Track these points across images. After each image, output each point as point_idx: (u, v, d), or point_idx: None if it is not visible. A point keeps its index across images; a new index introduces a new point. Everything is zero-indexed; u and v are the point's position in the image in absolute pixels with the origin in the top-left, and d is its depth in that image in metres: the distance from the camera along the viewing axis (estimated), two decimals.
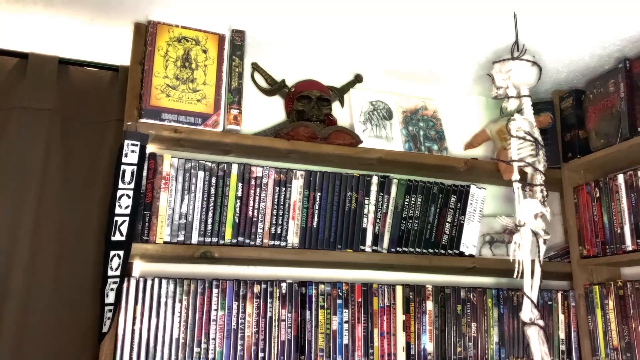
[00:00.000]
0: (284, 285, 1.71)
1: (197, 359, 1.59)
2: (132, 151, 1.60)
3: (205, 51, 1.77)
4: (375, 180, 1.84)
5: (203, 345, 1.60)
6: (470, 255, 1.91)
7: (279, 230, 1.73)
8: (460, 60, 1.96)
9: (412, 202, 1.87)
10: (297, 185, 1.77)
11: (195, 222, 1.65)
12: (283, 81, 1.96)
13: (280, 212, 1.74)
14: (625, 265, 1.94)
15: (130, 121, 1.63)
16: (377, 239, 1.82)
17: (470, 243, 1.91)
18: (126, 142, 1.60)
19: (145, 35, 1.73)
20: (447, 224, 1.90)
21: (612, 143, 1.82)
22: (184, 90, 1.71)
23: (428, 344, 1.81)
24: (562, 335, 1.95)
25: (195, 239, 1.65)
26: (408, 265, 1.86)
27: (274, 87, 1.95)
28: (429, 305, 1.84)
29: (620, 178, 1.82)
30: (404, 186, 1.87)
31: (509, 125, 1.72)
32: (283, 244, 1.73)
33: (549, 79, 2.05)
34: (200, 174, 1.68)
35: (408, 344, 1.79)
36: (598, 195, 1.90)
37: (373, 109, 2.03)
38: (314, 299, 1.73)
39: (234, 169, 1.71)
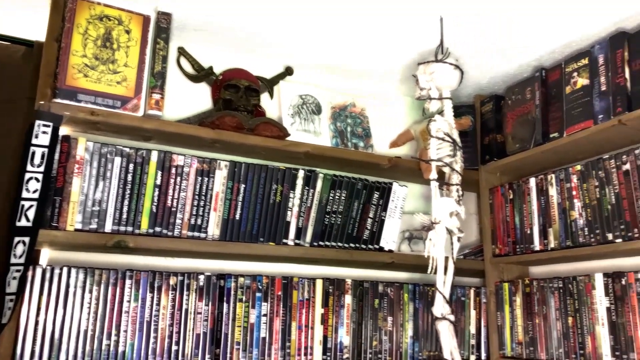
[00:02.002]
0: (201, 277, 1.67)
1: (106, 352, 1.53)
2: (44, 132, 1.51)
3: (128, 32, 1.69)
4: (301, 174, 1.84)
5: (113, 338, 1.54)
6: (390, 251, 1.95)
7: (199, 222, 1.69)
8: (388, 61, 1.99)
9: (337, 197, 1.89)
10: (220, 176, 1.73)
11: (110, 210, 1.59)
12: (210, 68, 1.92)
13: (202, 203, 1.70)
14: (533, 264, 2.05)
15: (43, 100, 1.54)
16: (300, 232, 1.82)
17: (390, 239, 1.96)
18: (37, 122, 1.51)
19: (63, 10, 1.63)
20: (369, 219, 1.93)
21: (527, 148, 1.92)
22: (103, 71, 1.64)
23: (345, 337, 1.83)
24: (472, 330, 2.03)
25: (109, 227, 1.58)
26: (329, 259, 1.87)
27: (201, 74, 1.90)
28: (348, 299, 1.86)
29: (532, 181, 1.92)
30: (329, 181, 1.88)
31: (429, 125, 1.77)
32: (203, 235, 1.69)
33: (471, 84, 2.12)
34: (117, 159, 1.62)
35: (325, 337, 1.81)
36: (511, 197, 1.99)
37: (302, 102, 2.02)
38: (232, 292, 1.71)
39: (154, 156, 1.65)
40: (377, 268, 2.06)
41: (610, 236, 1.63)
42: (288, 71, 2.04)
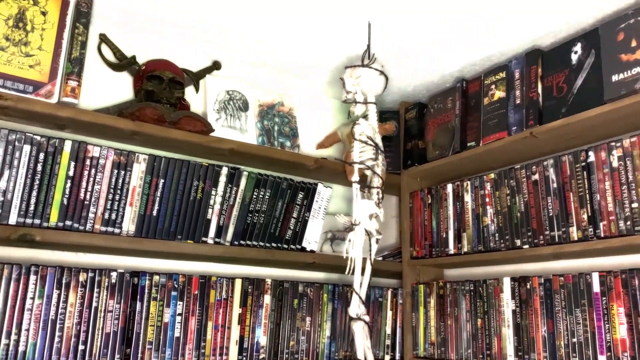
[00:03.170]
0: (114, 274, 1.61)
1: (4, 352, 1.43)
2: None
3: (44, 13, 1.60)
4: (224, 171, 1.81)
5: (13, 337, 1.45)
6: (312, 251, 1.96)
7: (113, 216, 1.62)
8: (318, 62, 2.00)
9: (261, 196, 1.87)
10: (138, 170, 1.67)
11: (15, 201, 1.49)
12: (133, 57, 1.85)
13: (117, 197, 1.63)
14: (448, 267, 2.13)
15: None
16: (221, 231, 1.79)
17: (312, 239, 1.97)
18: None
19: None
20: (292, 219, 1.93)
21: (446, 155, 1.98)
22: (14, 53, 1.54)
23: (262, 337, 1.82)
24: (388, 331, 2.08)
25: (13, 219, 1.48)
26: (250, 258, 1.85)
27: (123, 63, 1.83)
28: (267, 299, 1.85)
29: (449, 187, 1.99)
30: (253, 179, 1.86)
31: (353, 128, 1.80)
32: (117, 230, 1.63)
33: (397, 90, 2.17)
34: (26, 147, 1.52)
35: (242, 338, 1.79)
36: (430, 201, 2.06)
37: (229, 98, 1.99)
38: (146, 290, 1.65)
39: (67, 146, 1.57)
40: (299, 268, 2.06)
41: (518, 242, 1.72)
42: (215, 65, 2.00)
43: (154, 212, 1.68)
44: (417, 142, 2.12)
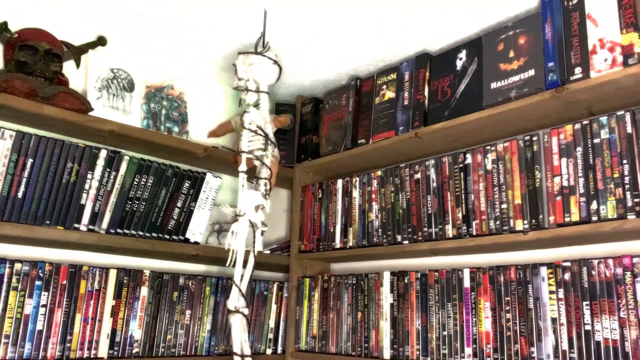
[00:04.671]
0: None
1: None
2: None
3: None
4: (103, 154, 1.69)
5: None
6: (196, 243, 1.89)
7: None
8: (210, 47, 1.93)
9: (142, 183, 1.77)
10: (3, 147, 1.52)
11: None
12: (5, 24, 1.67)
13: None
14: (334, 261, 2.16)
15: None
16: (95, 218, 1.67)
17: (197, 230, 1.90)
18: None
19: None
20: (176, 209, 1.85)
21: (337, 151, 2.00)
22: None
23: (136, 331, 1.73)
24: (272, 324, 2.06)
25: None
26: (127, 248, 1.75)
27: None
28: (144, 291, 1.76)
29: (339, 183, 2.01)
30: (135, 165, 1.76)
31: (243, 117, 1.75)
32: None
33: (295, 84, 2.16)
34: None
35: (114, 331, 1.69)
36: (320, 196, 2.07)
37: (113, 76, 1.87)
38: (5, 279, 1.51)
39: None
40: (182, 260, 1.99)
41: (399, 238, 1.77)
42: (100, 41, 1.87)
43: (19, 194, 1.54)
44: (311, 136, 2.12)
